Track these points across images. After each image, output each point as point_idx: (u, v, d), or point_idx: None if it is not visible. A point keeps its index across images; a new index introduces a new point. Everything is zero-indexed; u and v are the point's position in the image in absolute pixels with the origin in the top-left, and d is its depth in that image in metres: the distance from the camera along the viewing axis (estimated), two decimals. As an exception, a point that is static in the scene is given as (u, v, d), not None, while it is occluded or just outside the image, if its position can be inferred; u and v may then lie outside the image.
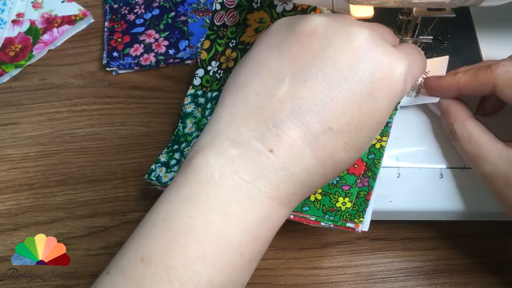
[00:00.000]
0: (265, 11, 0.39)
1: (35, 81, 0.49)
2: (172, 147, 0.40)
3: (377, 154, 0.33)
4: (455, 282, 0.37)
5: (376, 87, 0.26)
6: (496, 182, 0.30)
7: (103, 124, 0.46)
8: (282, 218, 0.27)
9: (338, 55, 0.25)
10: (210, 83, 0.41)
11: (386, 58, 0.26)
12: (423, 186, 0.34)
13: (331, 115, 0.25)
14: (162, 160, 0.39)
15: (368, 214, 0.32)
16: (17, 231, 0.41)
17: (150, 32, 0.50)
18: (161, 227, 0.25)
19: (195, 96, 0.41)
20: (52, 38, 0.51)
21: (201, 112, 0.40)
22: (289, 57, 0.26)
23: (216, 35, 0.41)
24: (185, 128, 0.40)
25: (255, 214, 0.25)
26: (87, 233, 0.40)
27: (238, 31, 0.41)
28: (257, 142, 0.25)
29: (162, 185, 0.38)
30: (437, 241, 0.38)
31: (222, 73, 0.40)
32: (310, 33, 0.26)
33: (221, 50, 0.41)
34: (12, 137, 0.46)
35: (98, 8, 0.53)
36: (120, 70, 0.49)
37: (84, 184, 0.43)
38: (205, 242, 0.24)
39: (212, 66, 0.41)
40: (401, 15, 0.37)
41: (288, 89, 0.25)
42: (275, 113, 0.25)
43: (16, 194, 0.42)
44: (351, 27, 0.26)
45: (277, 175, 0.25)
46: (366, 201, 0.32)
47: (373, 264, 0.38)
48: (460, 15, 0.39)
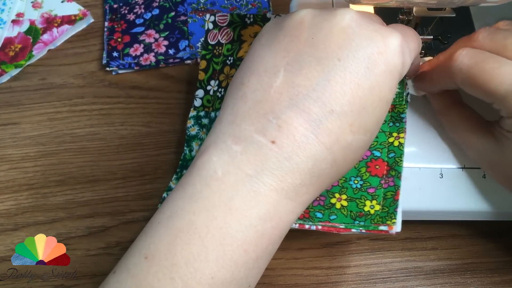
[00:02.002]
0: (259, 25, 0.39)
1: (35, 81, 0.49)
2: (181, 172, 0.39)
3: (397, 152, 0.33)
4: (455, 282, 0.37)
5: (372, 62, 0.25)
6: (482, 166, 0.33)
7: (103, 124, 0.46)
8: (290, 213, 0.26)
9: (327, 38, 0.25)
10: (211, 103, 0.40)
11: (376, 33, 0.26)
12: (423, 186, 0.34)
13: (331, 97, 0.24)
14: (172, 186, 0.39)
15: (399, 214, 0.31)
16: (17, 231, 0.41)
17: (150, 32, 0.50)
18: (165, 225, 0.25)
19: (198, 117, 0.41)
20: (52, 38, 0.51)
21: (206, 133, 0.40)
22: (281, 50, 0.26)
23: (212, 54, 0.41)
24: (191, 152, 0.40)
25: (259, 209, 0.24)
26: (87, 233, 0.40)
27: (234, 48, 0.40)
28: (258, 135, 0.25)
29: None
30: (437, 241, 0.38)
31: (223, 91, 0.40)
32: (298, 24, 0.26)
33: (218, 68, 0.41)
34: (12, 137, 0.46)
35: (98, 8, 0.53)
36: (120, 70, 0.49)
37: (84, 184, 0.43)
38: (207, 238, 0.24)
39: (211, 86, 0.41)
40: (401, 15, 0.37)
41: (284, 79, 0.25)
42: (274, 105, 0.25)
43: (16, 194, 0.42)
44: (336, 10, 0.26)
45: (281, 166, 0.24)
46: (395, 201, 0.31)
47: (373, 264, 0.38)
48: (460, 15, 0.39)
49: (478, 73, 0.28)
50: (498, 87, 0.28)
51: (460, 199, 0.34)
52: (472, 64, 0.29)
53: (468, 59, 0.29)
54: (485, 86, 0.28)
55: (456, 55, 0.29)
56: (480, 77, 0.28)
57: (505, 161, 0.30)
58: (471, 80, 0.29)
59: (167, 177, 0.42)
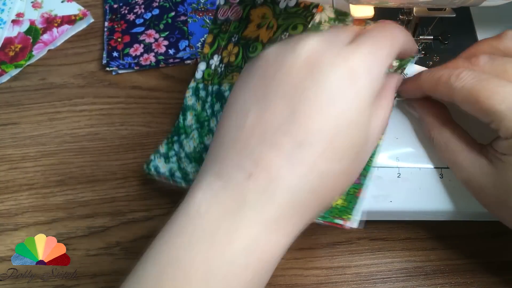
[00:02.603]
0: (268, 7, 0.40)
1: (35, 81, 0.49)
2: (171, 139, 0.40)
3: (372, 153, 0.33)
4: (455, 282, 0.37)
5: (336, 89, 0.25)
6: (471, 187, 0.32)
7: (103, 124, 0.46)
8: (274, 245, 0.26)
9: (289, 73, 0.26)
10: (211, 77, 0.41)
11: (338, 58, 0.26)
12: (423, 186, 0.34)
13: (299, 129, 0.25)
14: (161, 151, 0.40)
15: (358, 211, 0.31)
16: (17, 231, 0.41)
17: (150, 32, 0.50)
18: (152, 261, 0.26)
19: (197, 89, 0.42)
20: (52, 38, 0.51)
21: (201, 106, 0.41)
22: (251, 90, 0.27)
23: (219, 29, 0.42)
24: (185, 121, 0.41)
25: (241, 243, 0.25)
26: (87, 233, 0.40)
27: (240, 26, 0.41)
28: (236, 171, 0.25)
29: (159, 175, 0.38)
30: (437, 241, 0.38)
31: (223, 68, 0.41)
32: (264, 64, 0.27)
33: (223, 44, 0.41)
34: (12, 137, 0.46)
35: (98, 8, 0.53)
36: (120, 70, 0.49)
37: (84, 184, 0.43)
38: (191, 272, 0.24)
39: (214, 60, 0.42)
40: (401, 15, 0.37)
41: (255, 117, 0.26)
42: (248, 142, 0.26)
43: (16, 194, 0.42)
44: (298, 42, 0.26)
45: (259, 200, 0.25)
46: (356, 198, 0.31)
47: (373, 264, 0.38)
48: (460, 15, 0.39)
49: (480, 90, 0.29)
50: (499, 105, 0.28)
51: (460, 199, 0.34)
52: (475, 82, 0.29)
53: (472, 78, 0.30)
54: (486, 103, 0.29)
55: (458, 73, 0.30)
56: (482, 94, 0.29)
57: (498, 184, 0.30)
58: (472, 97, 0.29)
59: (167, 177, 0.42)
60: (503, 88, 0.28)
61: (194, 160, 0.39)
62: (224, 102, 0.39)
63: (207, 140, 0.39)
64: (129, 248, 0.39)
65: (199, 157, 0.39)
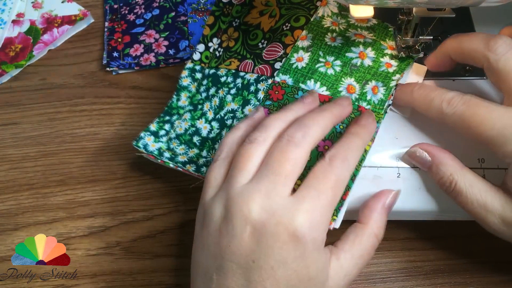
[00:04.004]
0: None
1: (35, 81, 0.49)
2: (163, 118, 0.41)
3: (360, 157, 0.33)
4: (455, 282, 0.37)
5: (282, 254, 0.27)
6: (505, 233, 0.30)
7: (103, 124, 0.46)
8: None
9: (241, 244, 0.27)
10: (209, 60, 0.41)
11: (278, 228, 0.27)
12: (423, 186, 0.34)
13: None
14: (152, 129, 0.40)
15: (342, 212, 0.32)
16: (17, 231, 0.41)
17: (150, 32, 0.50)
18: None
19: (193, 70, 0.42)
20: (52, 38, 0.51)
21: (196, 88, 0.41)
22: (211, 257, 0.28)
23: (221, 12, 0.42)
24: (178, 101, 0.41)
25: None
26: (87, 233, 0.40)
27: (243, 11, 0.41)
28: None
29: (148, 154, 0.38)
30: (436, 241, 0.38)
31: (222, 51, 0.41)
32: (218, 228, 0.28)
33: (224, 27, 0.42)
34: (12, 137, 0.46)
35: (98, 8, 0.54)
36: (120, 70, 0.49)
37: (84, 184, 0.43)
38: None
39: (213, 43, 0.42)
40: (401, 15, 0.37)
41: (217, 283, 0.28)
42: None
43: (16, 194, 0.42)
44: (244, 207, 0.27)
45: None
46: (342, 200, 0.32)
47: (373, 264, 0.38)
48: (460, 15, 0.39)
49: (471, 117, 0.30)
50: (490, 131, 0.29)
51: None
52: (465, 108, 0.30)
53: (462, 104, 0.30)
54: (477, 129, 0.30)
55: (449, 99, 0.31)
56: (473, 121, 0.30)
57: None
58: (464, 124, 0.30)
59: (167, 176, 0.42)
60: (493, 114, 0.29)
61: (184, 142, 0.39)
62: (219, 86, 0.39)
63: (199, 124, 0.39)
64: (129, 248, 0.39)
65: (189, 140, 0.39)
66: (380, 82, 0.36)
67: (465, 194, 0.31)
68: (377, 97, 0.35)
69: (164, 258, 0.39)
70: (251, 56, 0.39)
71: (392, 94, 0.35)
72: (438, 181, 0.32)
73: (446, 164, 0.32)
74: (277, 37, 0.39)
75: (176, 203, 0.41)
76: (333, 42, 0.38)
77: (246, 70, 0.39)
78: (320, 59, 0.37)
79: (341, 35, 0.38)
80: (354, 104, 0.35)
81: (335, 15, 0.39)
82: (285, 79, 0.37)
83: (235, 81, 0.39)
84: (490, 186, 0.31)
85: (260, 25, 0.40)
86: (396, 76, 0.36)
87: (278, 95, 0.36)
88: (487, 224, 0.31)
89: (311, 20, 0.39)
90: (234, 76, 0.39)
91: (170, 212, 0.41)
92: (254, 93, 0.37)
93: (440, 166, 0.32)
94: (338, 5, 0.39)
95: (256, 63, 0.39)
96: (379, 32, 0.38)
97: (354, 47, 0.37)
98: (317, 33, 0.38)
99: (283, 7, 0.40)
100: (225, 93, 0.39)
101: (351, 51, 0.37)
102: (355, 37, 0.38)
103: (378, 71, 0.36)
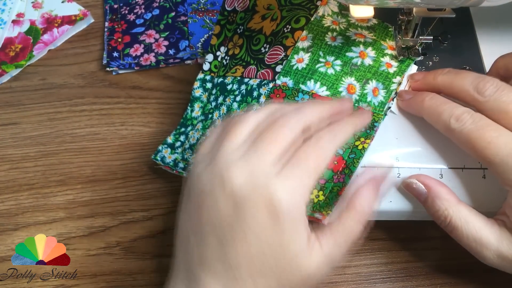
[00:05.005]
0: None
1: (35, 81, 0.49)
2: (179, 130, 0.41)
3: (358, 154, 0.34)
4: (455, 282, 0.37)
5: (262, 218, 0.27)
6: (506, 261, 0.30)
7: (103, 124, 0.46)
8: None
9: (217, 207, 0.28)
10: (218, 69, 0.42)
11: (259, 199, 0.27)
12: (423, 186, 0.34)
13: (228, 255, 0.27)
14: (168, 141, 0.41)
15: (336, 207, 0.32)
16: (17, 231, 0.41)
17: (150, 32, 0.50)
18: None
19: (204, 81, 0.42)
20: (52, 38, 0.51)
21: (207, 97, 0.41)
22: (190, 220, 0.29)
23: (226, 20, 0.42)
24: (192, 112, 0.42)
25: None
26: (87, 233, 0.40)
27: (246, 17, 0.41)
28: None
29: (165, 165, 0.39)
30: (437, 241, 0.38)
31: (228, 60, 0.41)
32: (200, 193, 0.29)
33: (230, 35, 0.42)
34: (12, 137, 0.46)
35: (98, 8, 0.54)
36: (120, 70, 0.49)
37: (84, 184, 0.43)
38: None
39: (220, 52, 0.42)
40: (401, 15, 0.37)
41: (195, 245, 0.29)
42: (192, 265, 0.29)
43: (16, 194, 0.42)
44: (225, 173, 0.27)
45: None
46: (338, 196, 0.32)
47: (373, 264, 0.38)
48: (460, 15, 0.39)
49: (477, 139, 0.30)
50: (494, 157, 0.29)
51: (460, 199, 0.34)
52: (473, 129, 0.30)
53: (470, 123, 0.30)
54: (481, 152, 0.30)
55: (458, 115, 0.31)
56: (478, 143, 0.30)
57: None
58: (470, 144, 0.30)
59: (167, 176, 0.42)
60: (499, 139, 0.29)
61: None
62: (226, 95, 0.39)
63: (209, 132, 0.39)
64: (129, 248, 0.39)
65: None
66: (381, 84, 0.36)
67: (460, 229, 0.31)
68: (377, 99, 0.35)
69: (164, 258, 0.39)
70: (255, 62, 0.39)
71: (393, 98, 0.36)
72: (433, 214, 0.32)
73: (442, 199, 0.32)
74: (278, 40, 0.39)
75: (176, 203, 0.41)
76: (333, 42, 0.38)
77: (250, 75, 0.39)
78: (320, 59, 0.37)
79: (342, 34, 0.38)
80: (354, 106, 0.35)
81: (336, 14, 0.39)
82: (286, 81, 0.37)
83: (240, 87, 0.39)
84: (485, 221, 0.31)
85: (262, 29, 0.40)
86: (396, 79, 0.36)
87: (279, 98, 0.36)
88: (483, 259, 0.31)
89: (312, 20, 0.39)
90: (239, 83, 0.39)
91: (170, 212, 0.41)
92: (257, 98, 0.37)
93: (436, 200, 0.32)
94: (339, 4, 0.39)
95: (259, 68, 0.39)
96: (379, 32, 0.38)
97: (355, 46, 0.37)
98: (317, 33, 0.38)
99: (284, 9, 0.40)
100: (231, 101, 0.39)
101: (352, 50, 0.37)
102: (355, 37, 0.38)
103: (378, 70, 0.36)
